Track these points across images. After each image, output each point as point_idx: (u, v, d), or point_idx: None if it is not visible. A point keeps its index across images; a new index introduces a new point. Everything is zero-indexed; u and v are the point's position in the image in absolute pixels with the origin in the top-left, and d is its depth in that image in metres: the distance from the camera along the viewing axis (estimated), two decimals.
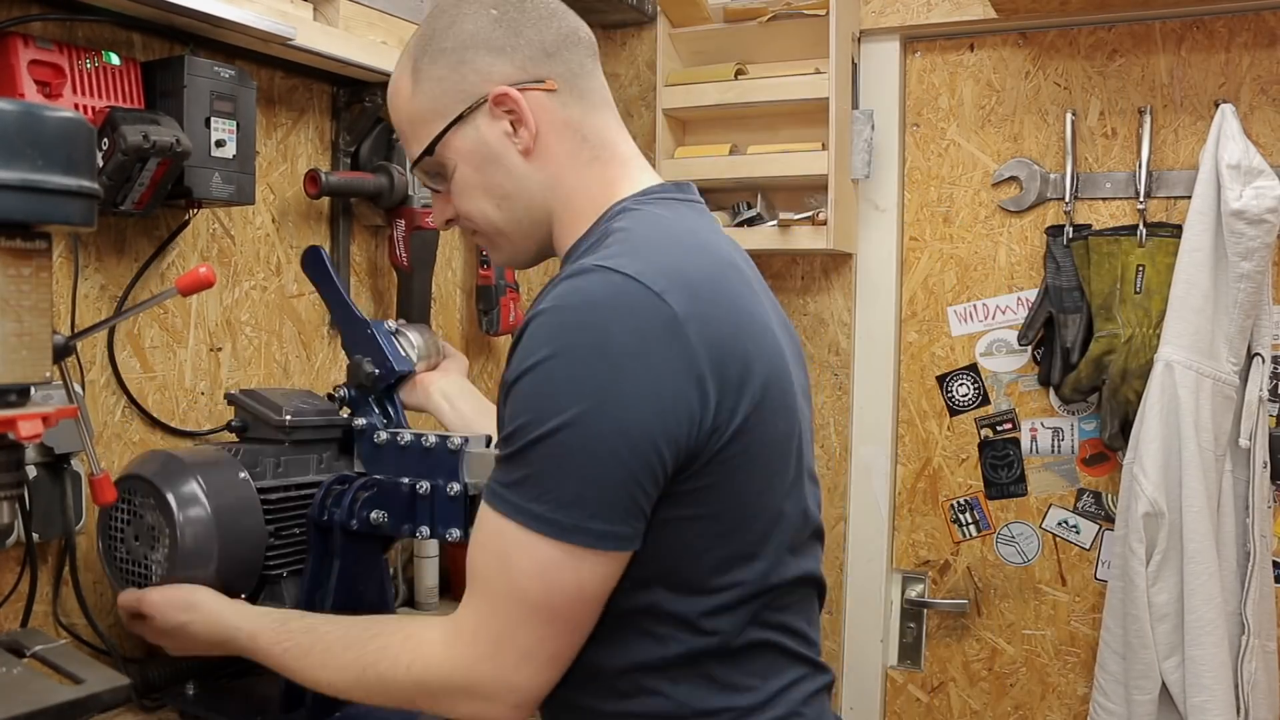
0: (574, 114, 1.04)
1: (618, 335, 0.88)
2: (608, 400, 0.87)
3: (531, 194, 1.05)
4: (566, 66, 1.04)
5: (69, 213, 0.91)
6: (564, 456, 0.88)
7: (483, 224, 1.08)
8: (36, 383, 0.93)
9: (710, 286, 0.94)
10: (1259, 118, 1.90)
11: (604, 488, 0.88)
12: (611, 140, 1.07)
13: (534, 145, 1.03)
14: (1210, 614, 1.76)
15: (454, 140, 1.04)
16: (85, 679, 1.08)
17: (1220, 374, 1.81)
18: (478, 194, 1.06)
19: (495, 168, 1.04)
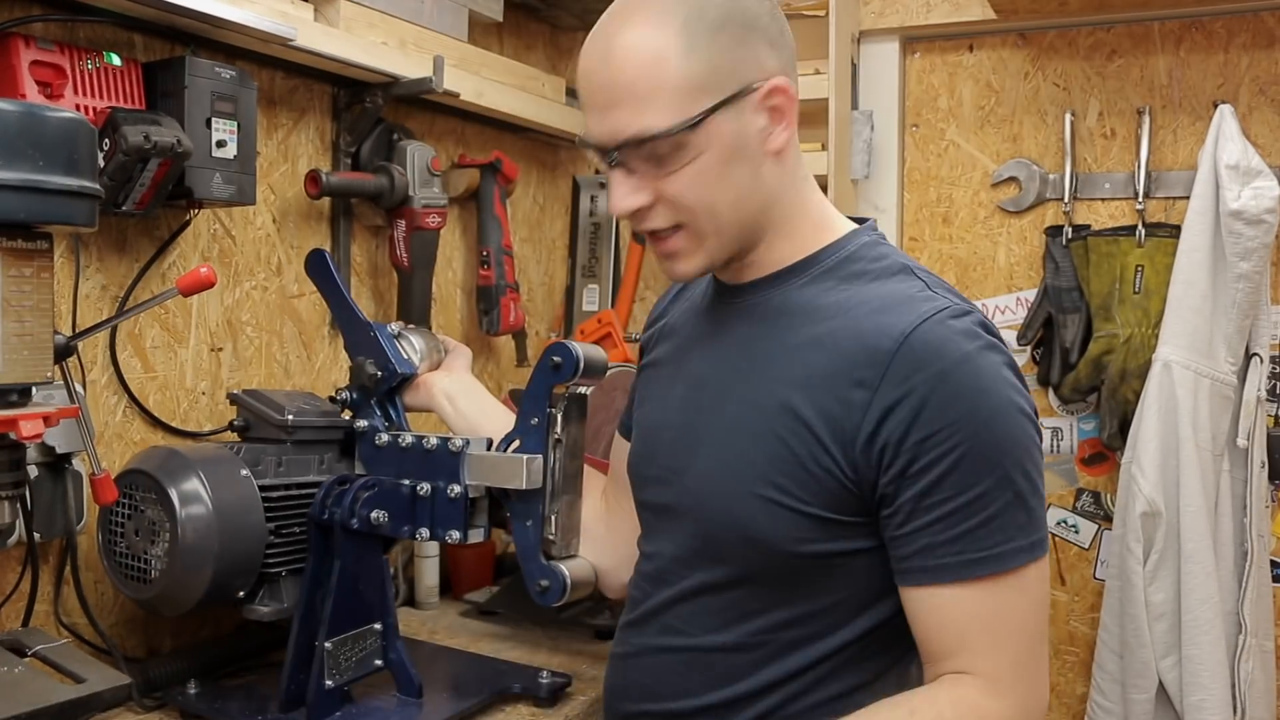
0: (795, 127, 1.03)
1: (1013, 373, 0.98)
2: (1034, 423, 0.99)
3: (764, 199, 1.01)
4: (796, 77, 1.02)
5: (70, 213, 0.91)
6: (1036, 478, 0.97)
7: (702, 221, 0.99)
8: (38, 382, 0.94)
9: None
10: (1257, 118, 1.91)
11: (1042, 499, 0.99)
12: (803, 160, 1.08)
13: (786, 147, 1.00)
14: (1207, 613, 1.77)
15: (714, 122, 0.95)
16: (86, 678, 1.08)
17: (1218, 374, 1.82)
18: (716, 186, 0.98)
19: (743, 163, 0.98)
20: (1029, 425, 0.96)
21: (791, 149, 1.02)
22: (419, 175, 1.71)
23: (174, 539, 1.18)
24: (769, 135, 0.99)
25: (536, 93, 2.01)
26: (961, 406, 0.92)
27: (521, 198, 2.18)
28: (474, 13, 1.85)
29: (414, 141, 1.73)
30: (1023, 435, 0.95)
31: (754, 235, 1.03)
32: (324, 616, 1.23)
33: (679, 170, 0.97)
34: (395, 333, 1.41)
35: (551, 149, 2.28)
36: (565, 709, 1.33)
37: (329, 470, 1.37)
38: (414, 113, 1.85)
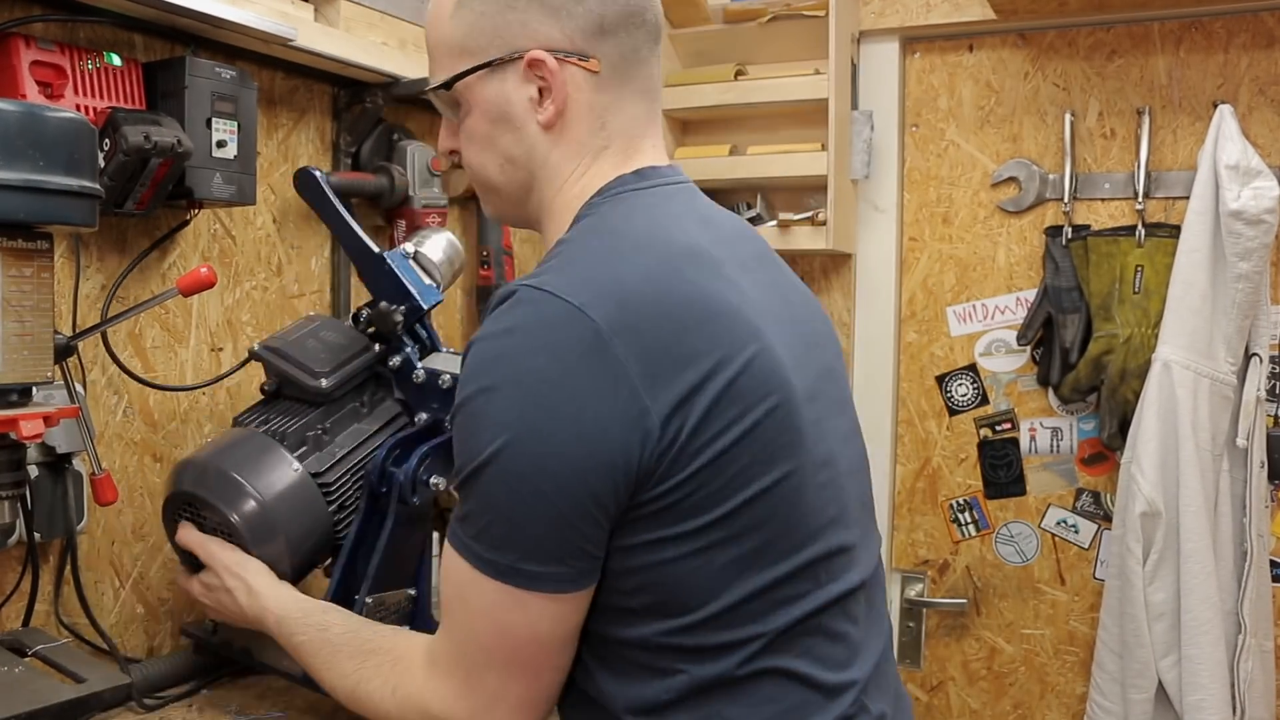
0: (604, 99, 0.98)
1: (534, 362, 0.83)
2: (525, 435, 0.82)
3: (535, 167, 0.99)
4: (618, 49, 0.97)
5: (71, 213, 0.91)
6: (490, 496, 0.84)
7: (478, 176, 1.03)
8: (38, 382, 0.94)
9: (651, 286, 0.86)
10: (1257, 118, 1.91)
11: (531, 528, 0.84)
12: (630, 127, 1.00)
13: (556, 121, 0.97)
14: (1207, 613, 1.77)
15: (476, 85, 0.98)
16: (87, 678, 1.08)
17: (1218, 374, 1.82)
18: (483, 147, 1.01)
19: (509, 129, 0.98)
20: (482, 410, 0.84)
21: (571, 123, 0.97)
22: (419, 175, 1.71)
23: (244, 548, 1.19)
24: (538, 107, 0.97)
25: None
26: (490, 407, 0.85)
27: None
28: None
29: (414, 142, 1.73)
30: (468, 424, 0.85)
31: (534, 209, 1.02)
32: (367, 573, 1.23)
33: (461, 125, 1.01)
34: (410, 253, 1.33)
35: None
36: None
37: (371, 410, 1.31)
38: (414, 113, 1.85)
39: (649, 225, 0.94)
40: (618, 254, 0.90)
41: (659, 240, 0.92)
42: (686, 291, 0.87)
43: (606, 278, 0.86)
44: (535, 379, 0.82)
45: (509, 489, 0.83)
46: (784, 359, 0.90)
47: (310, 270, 1.67)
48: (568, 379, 0.82)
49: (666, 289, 0.87)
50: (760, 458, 0.87)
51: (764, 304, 0.93)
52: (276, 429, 1.25)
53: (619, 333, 0.82)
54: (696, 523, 0.86)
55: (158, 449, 1.42)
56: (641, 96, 1.01)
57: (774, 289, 0.99)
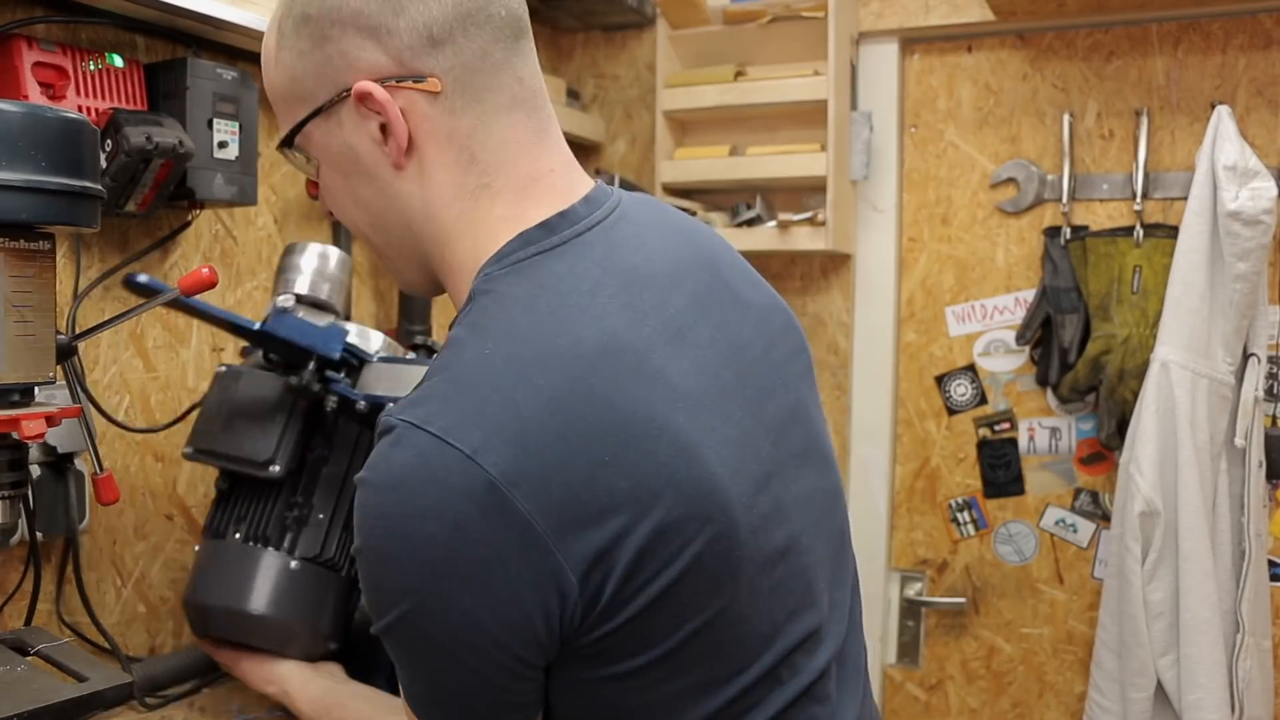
0: (464, 123, 0.81)
1: (425, 524, 0.70)
2: (430, 603, 0.72)
3: (409, 219, 0.84)
4: (459, 59, 0.80)
5: (72, 214, 0.91)
6: (408, 656, 0.76)
7: (357, 235, 0.91)
8: (40, 382, 0.94)
9: (556, 419, 0.72)
10: (1255, 119, 1.91)
11: (454, 689, 0.75)
12: (511, 159, 0.83)
13: (404, 161, 0.82)
14: (1205, 612, 1.77)
15: (315, 135, 0.85)
16: (88, 677, 1.09)
17: (1216, 374, 1.82)
18: (346, 204, 0.87)
19: (363, 179, 0.84)
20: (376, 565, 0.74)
21: (430, 159, 0.82)
22: None
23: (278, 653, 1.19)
24: (383, 147, 0.82)
25: None
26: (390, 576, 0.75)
27: None
28: None
29: None
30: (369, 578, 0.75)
31: (430, 262, 0.87)
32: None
33: (319, 182, 0.90)
34: (289, 305, 1.20)
35: None
36: None
37: (333, 449, 1.21)
38: None
39: (554, 319, 0.77)
40: (516, 372, 0.74)
41: (565, 345, 0.75)
42: (600, 419, 0.73)
43: (502, 411, 0.72)
44: (428, 546, 0.71)
45: (425, 653, 0.75)
46: (721, 470, 0.77)
47: None
48: (466, 546, 0.70)
49: (575, 419, 0.72)
50: (701, 590, 0.76)
51: (702, 387, 0.79)
52: (255, 530, 1.18)
53: (519, 483, 0.70)
54: (636, 662, 0.77)
55: (159, 448, 1.43)
56: (513, 110, 0.83)
57: (716, 344, 0.84)
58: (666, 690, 0.78)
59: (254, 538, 1.17)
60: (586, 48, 2.31)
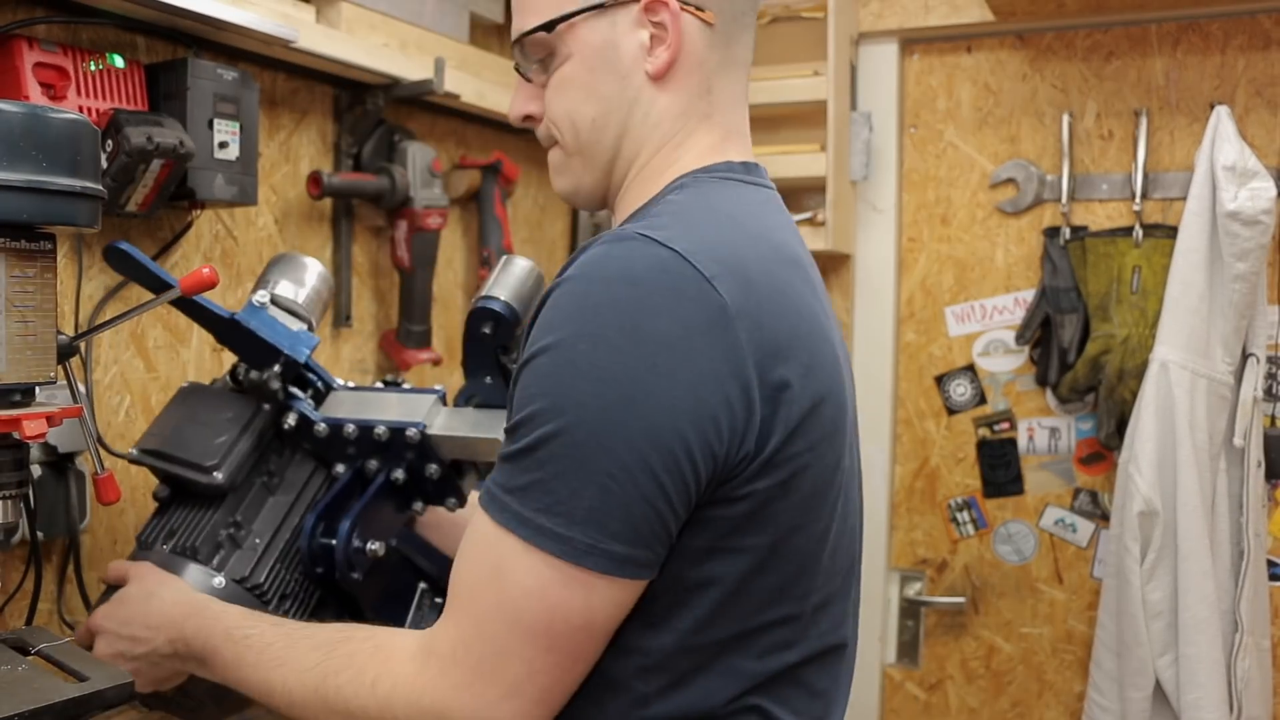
0: (713, 59, 0.92)
1: (656, 319, 0.75)
2: (637, 396, 0.74)
3: (633, 122, 0.91)
4: (731, 7, 0.92)
5: (73, 214, 0.92)
6: (582, 460, 0.74)
7: (565, 134, 0.94)
8: (41, 382, 0.94)
9: (769, 281, 0.82)
10: (1254, 119, 1.91)
11: (628, 503, 0.74)
12: (731, 105, 0.94)
13: (666, 71, 0.90)
14: (1204, 612, 1.77)
15: (582, 28, 0.90)
16: (89, 676, 1.09)
17: (1215, 374, 1.82)
18: (578, 97, 0.92)
19: (611, 75, 0.90)
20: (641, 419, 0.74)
21: (680, 78, 0.91)
22: (420, 176, 1.71)
23: None
24: (648, 54, 0.90)
25: None
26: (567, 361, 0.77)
27: (522, 199, 2.19)
28: (475, 14, 1.85)
29: (415, 143, 1.74)
30: (558, 373, 0.76)
31: (620, 175, 0.94)
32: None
33: (552, 77, 0.93)
34: (265, 301, 1.16)
35: None
36: None
37: (283, 479, 1.16)
38: (415, 114, 1.85)
39: (761, 222, 0.89)
40: (740, 234, 0.84)
41: (772, 237, 0.87)
42: (795, 301, 0.84)
43: (732, 254, 0.80)
44: (654, 337, 0.75)
45: (610, 454, 0.74)
46: (848, 405, 0.91)
47: None
48: (690, 350, 0.75)
49: (784, 289, 0.83)
50: (820, 486, 0.84)
51: (835, 338, 0.91)
52: (184, 543, 1.11)
53: (743, 316, 0.77)
54: (753, 540, 0.81)
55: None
56: (742, 68, 0.96)
57: (833, 321, 0.95)
58: (749, 585, 0.82)
59: (182, 550, 1.10)
60: None
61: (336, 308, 1.72)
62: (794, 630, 0.86)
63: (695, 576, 0.81)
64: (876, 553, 2.19)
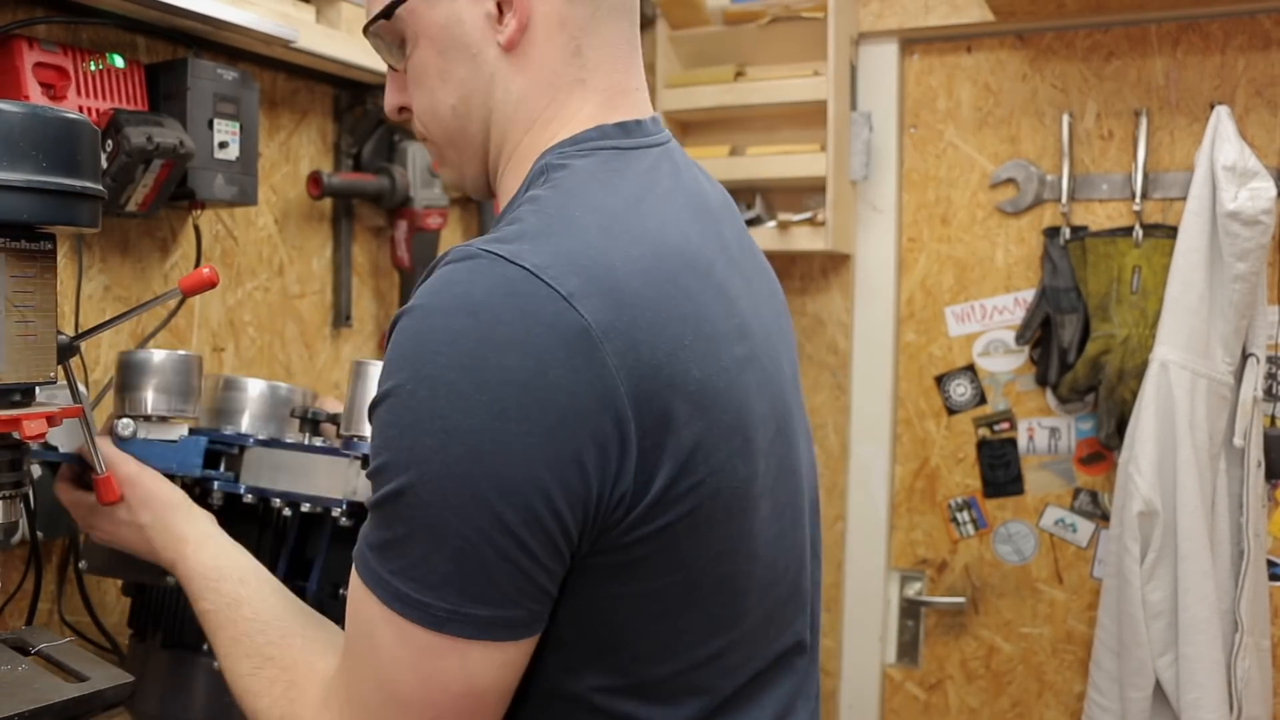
0: (579, 15, 0.82)
1: (503, 355, 0.66)
2: (485, 448, 0.66)
3: (495, 103, 0.84)
4: None
5: (73, 214, 0.91)
6: (431, 522, 0.67)
7: (432, 125, 0.88)
8: (41, 382, 0.94)
9: (647, 288, 0.71)
10: (1254, 120, 1.91)
11: (485, 564, 0.67)
12: (611, 63, 0.85)
13: (519, 39, 0.82)
14: (1204, 612, 1.77)
15: (422, 9, 0.84)
16: (90, 677, 1.09)
17: (1215, 374, 1.82)
18: (433, 84, 0.85)
19: (461, 57, 0.83)
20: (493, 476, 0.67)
21: (538, 43, 0.82)
22: (420, 176, 1.72)
23: None
24: (496, 26, 0.82)
25: None
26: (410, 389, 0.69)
27: None
28: None
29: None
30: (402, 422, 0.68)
31: (495, 160, 0.87)
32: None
33: (408, 65, 0.87)
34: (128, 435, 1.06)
35: None
36: None
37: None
38: None
39: (639, 207, 0.77)
40: (608, 239, 0.73)
41: (652, 230, 0.76)
42: (681, 306, 0.73)
43: (596, 263, 0.70)
44: (503, 379, 0.66)
45: (459, 514, 0.66)
46: (756, 404, 0.79)
47: (311, 270, 1.68)
48: (545, 387, 0.66)
49: (664, 296, 0.72)
50: (731, 512, 0.76)
51: (746, 316, 0.81)
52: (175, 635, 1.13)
53: (612, 338, 0.68)
54: (657, 584, 0.74)
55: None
56: (619, 16, 0.86)
57: (754, 283, 0.87)
58: (676, 622, 0.75)
59: (176, 643, 1.12)
60: None
61: (336, 307, 1.72)
62: (740, 654, 0.80)
63: (606, 626, 0.75)
64: (876, 553, 2.19)
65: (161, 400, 1.06)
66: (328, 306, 1.71)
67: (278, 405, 1.16)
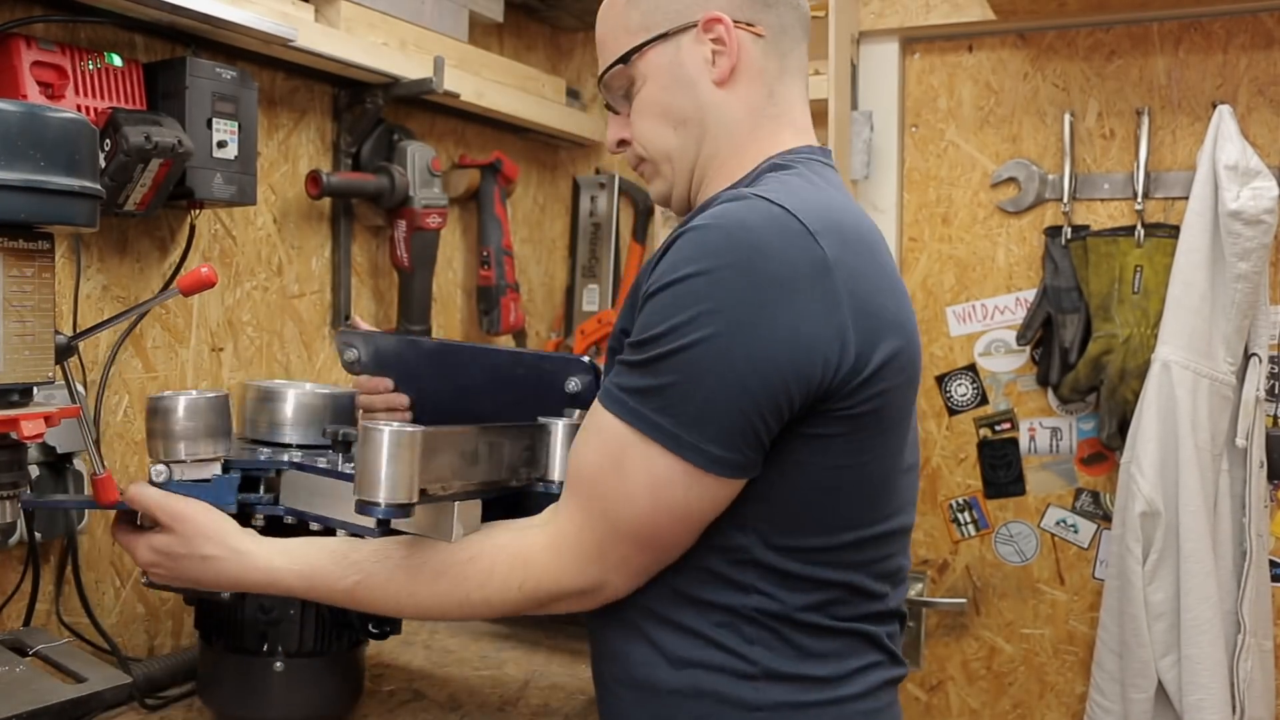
0: (770, 67, 1.05)
1: (768, 263, 0.88)
2: (747, 326, 0.87)
3: (709, 126, 1.05)
4: (779, 21, 1.06)
5: (72, 213, 0.91)
6: (695, 374, 0.88)
7: (653, 149, 1.08)
8: (39, 382, 0.94)
9: (859, 239, 0.95)
10: (1256, 119, 1.91)
11: (728, 412, 0.88)
12: (794, 106, 1.08)
13: (729, 77, 1.03)
14: (1206, 613, 1.77)
15: (651, 55, 1.05)
16: (88, 678, 1.09)
17: (1217, 374, 1.82)
18: (657, 114, 1.06)
19: (683, 90, 1.04)
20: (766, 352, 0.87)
21: (742, 84, 1.04)
22: (419, 175, 1.71)
23: None
24: (710, 66, 1.03)
25: (537, 93, 2.02)
26: (700, 295, 0.88)
27: (522, 198, 2.19)
28: (474, 13, 1.85)
29: (414, 142, 1.74)
30: (679, 300, 0.88)
31: (703, 166, 1.06)
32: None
33: (634, 101, 1.07)
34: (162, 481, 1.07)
35: (551, 149, 2.28)
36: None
37: None
38: (414, 113, 1.85)
39: (846, 194, 1.02)
40: (828, 205, 0.95)
41: (858, 213, 0.99)
42: (880, 255, 0.97)
43: (829, 215, 0.92)
44: (766, 278, 0.87)
45: (716, 373, 0.87)
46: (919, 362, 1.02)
47: (310, 270, 1.67)
48: (794, 290, 0.87)
49: (871, 247, 0.96)
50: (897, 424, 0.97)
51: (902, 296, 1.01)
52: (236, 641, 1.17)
53: (840, 267, 0.90)
54: (842, 462, 0.93)
55: None
56: (798, 75, 1.08)
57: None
58: (839, 504, 0.95)
59: (236, 649, 1.16)
60: (586, 47, 2.31)
61: (335, 307, 1.71)
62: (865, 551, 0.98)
63: (786, 489, 0.93)
64: None
65: (192, 446, 1.07)
66: (327, 306, 1.71)
67: (317, 411, 1.21)
